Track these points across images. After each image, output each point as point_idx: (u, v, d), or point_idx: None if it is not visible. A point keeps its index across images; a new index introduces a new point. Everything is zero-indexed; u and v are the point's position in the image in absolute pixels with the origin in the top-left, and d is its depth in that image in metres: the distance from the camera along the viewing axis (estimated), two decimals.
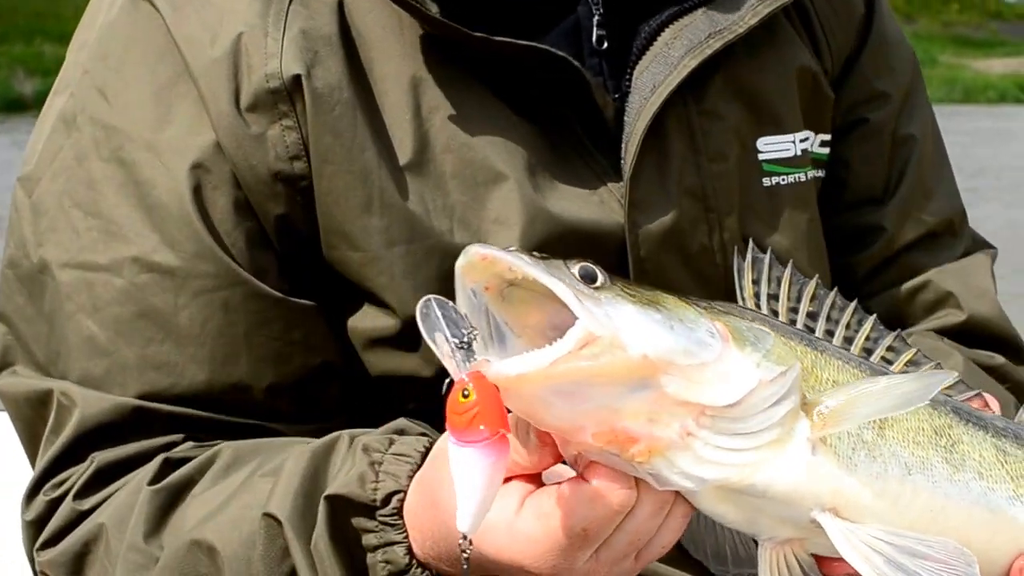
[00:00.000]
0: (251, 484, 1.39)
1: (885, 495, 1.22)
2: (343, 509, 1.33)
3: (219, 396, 1.46)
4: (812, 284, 1.34)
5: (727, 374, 1.15)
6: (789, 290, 1.33)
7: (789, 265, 1.34)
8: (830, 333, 1.33)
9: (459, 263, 1.15)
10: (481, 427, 1.08)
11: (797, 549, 1.25)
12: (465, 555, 1.12)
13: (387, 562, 1.31)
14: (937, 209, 1.79)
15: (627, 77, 1.56)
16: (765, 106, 1.65)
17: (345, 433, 1.40)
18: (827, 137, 1.73)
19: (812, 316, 1.33)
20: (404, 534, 1.30)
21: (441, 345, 1.12)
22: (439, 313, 1.13)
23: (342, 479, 1.34)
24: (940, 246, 1.79)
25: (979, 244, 1.85)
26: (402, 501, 1.31)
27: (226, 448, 1.44)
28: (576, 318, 1.11)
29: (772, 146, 1.65)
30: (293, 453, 1.39)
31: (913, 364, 1.34)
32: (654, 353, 1.12)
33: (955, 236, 1.81)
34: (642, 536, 1.21)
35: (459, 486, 1.10)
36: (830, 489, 1.19)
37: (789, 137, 1.66)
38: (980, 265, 1.80)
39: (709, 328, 1.18)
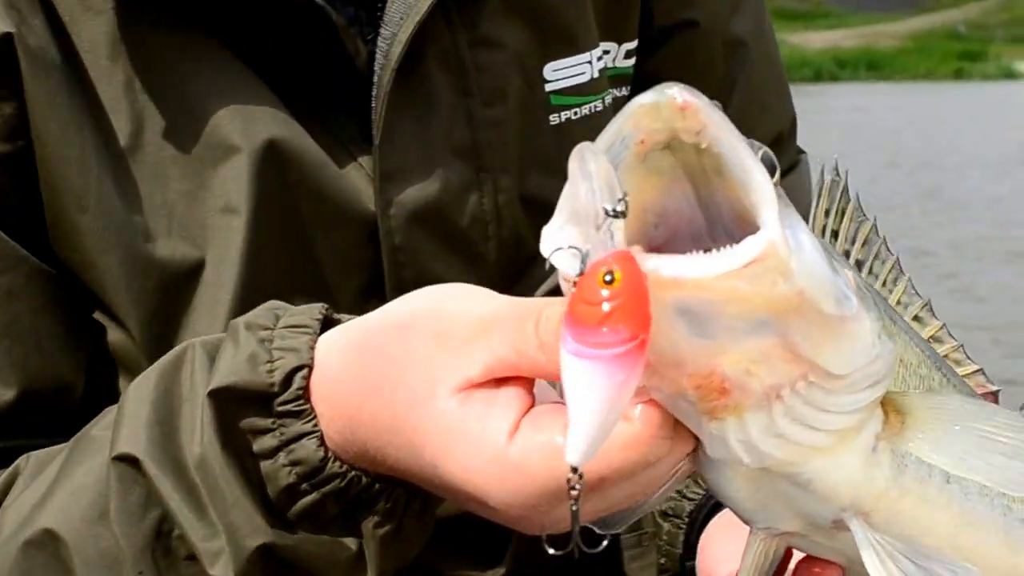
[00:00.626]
0: (80, 451, 1.08)
1: (925, 502, 1.01)
2: (234, 405, 1.01)
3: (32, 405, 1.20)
4: (868, 226, 1.10)
5: (854, 337, 0.91)
6: (849, 227, 1.10)
7: (855, 196, 1.10)
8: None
9: (644, 99, 0.85)
10: (622, 326, 0.79)
11: (783, 543, 1.04)
12: (574, 492, 0.83)
13: (294, 463, 1.00)
14: (771, 124, 1.57)
15: (379, 13, 1.26)
16: (553, 20, 1.36)
17: (196, 340, 1.07)
18: (632, 45, 1.45)
19: (859, 264, 1.11)
20: (313, 421, 0.99)
21: (586, 202, 0.82)
22: (592, 164, 0.82)
23: (225, 367, 1.01)
24: None
25: (800, 154, 1.65)
26: (307, 379, 1.00)
27: (26, 457, 1.14)
28: (759, 221, 0.85)
29: (562, 72, 1.37)
30: (128, 392, 1.06)
31: (935, 340, 1.14)
32: (812, 292, 0.87)
33: (781, 148, 1.58)
34: (645, 492, 0.97)
35: (574, 404, 0.80)
36: (876, 492, 0.98)
37: (584, 57, 1.38)
38: (805, 183, 1.59)
39: (846, 276, 0.92)
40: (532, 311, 0.91)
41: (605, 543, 0.87)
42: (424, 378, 0.93)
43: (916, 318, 1.13)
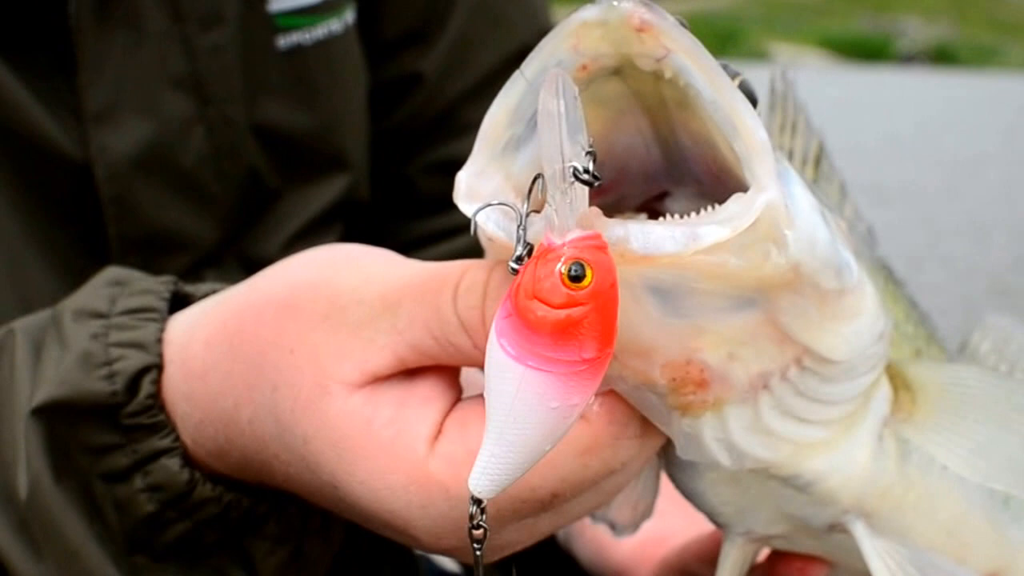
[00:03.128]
0: None
1: (925, 496, 0.85)
2: (66, 422, 0.79)
3: None
4: (816, 142, 0.94)
5: (854, 314, 0.73)
6: (805, 145, 0.93)
7: (804, 110, 0.93)
8: None
9: (588, 15, 0.66)
10: (587, 341, 0.60)
11: (762, 546, 0.89)
12: (475, 530, 0.64)
13: (153, 488, 0.79)
14: (505, 40, 1.35)
15: None
16: None
17: (16, 325, 0.84)
18: None
19: None
20: (172, 436, 0.79)
21: (549, 157, 0.61)
22: (562, 101, 0.61)
23: (51, 374, 0.79)
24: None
25: None
26: (158, 381, 0.79)
27: None
28: (749, 177, 0.67)
29: None
30: None
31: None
32: (809, 264, 0.69)
33: None
34: (607, 500, 0.79)
35: (498, 419, 0.61)
36: (882, 489, 0.82)
37: None
38: None
39: (842, 237, 0.75)
40: (447, 280, 0.70)
41: None
42: (313, 372, 0.72)
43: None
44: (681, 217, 0.66)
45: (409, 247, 1.27)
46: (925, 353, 0.92)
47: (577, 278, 0.59)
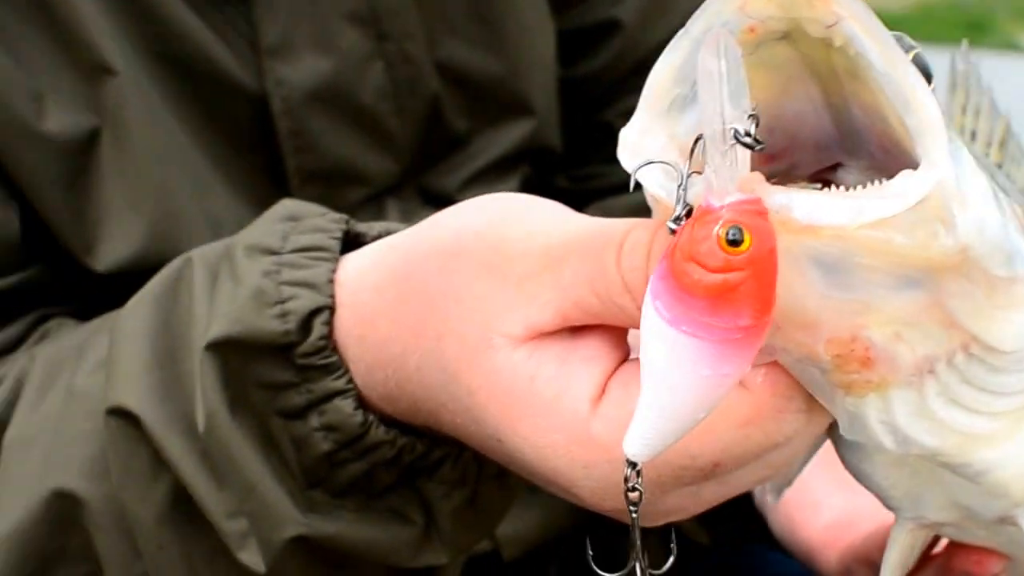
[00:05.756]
0: (69, 397, 0.87)
1: None
2: (239, 359, 0.80)
3: None
4: (1003, 124, 0.89)
5: None
6: (989, 128, 0.88)
7: (989, 92, 0.88)
8: None
9: None
10: (743, 308, 0.58)
11: (933, 532, 0.86)
12: (633, 494, 0.64)
13: (328, 428, 0.79)
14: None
15: None
16: None
17: (194, 253, 0.85)
18: None
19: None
20: (346, 377, 0.79)
21: (708, 118, 0.59)
22: (723, 61, 0.59)
23: (224, 309, 0.80)
24: None
25: None
26: (330, 323, 0.79)
27: (31, 358, 0.93)
28: (920, 153, 0.63)
29: None
30: (120, 322, 0.85)
31: None
32: (979, 249, 0.66)
33: None
34: (775, 474, 0.76)
35: (652, 383, 0.59)
36: None
37: None
38: None
39: (1017, 220, 0.71)
40: (612, 238, 0.69)
41: (671, 561, 0.68)
42: (477, 323, 0.71)
43: None
44: (850, 189, 0.64)
45: (607, 193, 1.26)
46: None
47: (735, 242, 0.58)
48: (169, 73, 1.05)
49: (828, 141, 0.71)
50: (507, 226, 0.73)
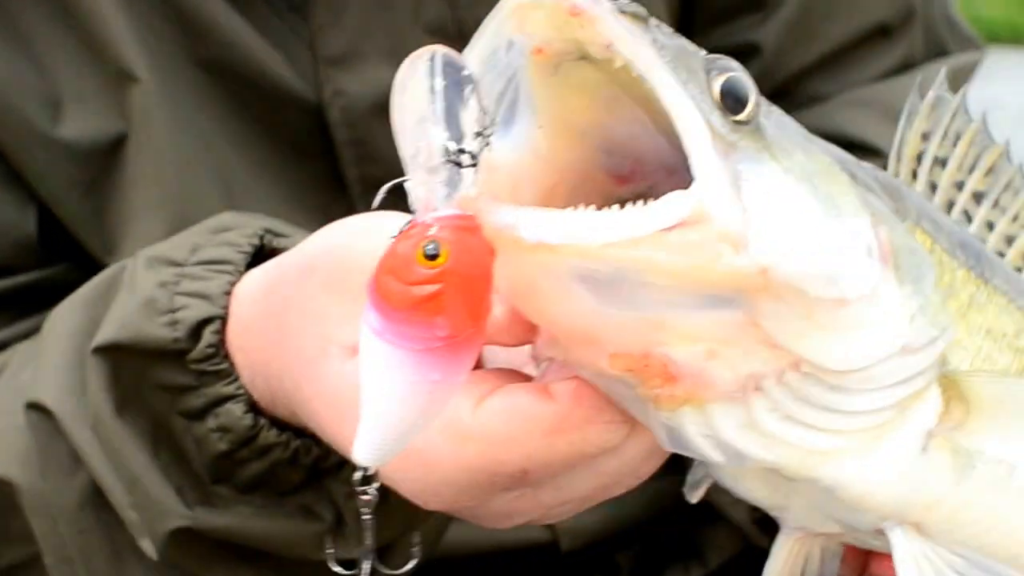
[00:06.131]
0: (13, 379, 0.94)
1: (995, 508, 0.79)
2: (135, 362, 0.86)
3: None
4: (996, 151, 0.86)
5: (868, 323, 0.69)
6: (965, 155, 0.85)
7: (980, 117, 0.85)
8: (990, 226, 0.86)
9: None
10: (438, 319, 0.60)
11: (826, 543, 0.84)
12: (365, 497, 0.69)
13: (223, 429, 0.85)
14: (859, 15, 1.25)
15: None
16: None
17: (128, 261, 0.91)
18: None
19: (977, 197, 0.86)
20: (236, 382, 0.84)
21: (430, 137, 0.62)
22: (439, 80, 0.61)
23: (115, 316, 0.86)
24: (853, 62, 1.25)
25: (935, 44, 1.28)
26: (221, 332, 0.84)
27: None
28: (693, 170, 0.65)
29: None
30: (49, 322, 0.92)
31: None
32: (782, 272, 0.65)
33: (891, 43, 1.26)
34: (619, 482, 0.77)
35: (367, 391, 0.63)
36: (928, 502, 0.76)
37: None
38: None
39: (869, 241, 0.70)
40: None
41: (413, 563, 0.71)
42: (317, 335, 0.76)
43: None
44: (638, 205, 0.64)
45: None
46: None
47: (433, 256, 0.60)
48: (209, 80, 1.08)
49: (675, 162, 0.70)
50: (355, 243, 0.77)
